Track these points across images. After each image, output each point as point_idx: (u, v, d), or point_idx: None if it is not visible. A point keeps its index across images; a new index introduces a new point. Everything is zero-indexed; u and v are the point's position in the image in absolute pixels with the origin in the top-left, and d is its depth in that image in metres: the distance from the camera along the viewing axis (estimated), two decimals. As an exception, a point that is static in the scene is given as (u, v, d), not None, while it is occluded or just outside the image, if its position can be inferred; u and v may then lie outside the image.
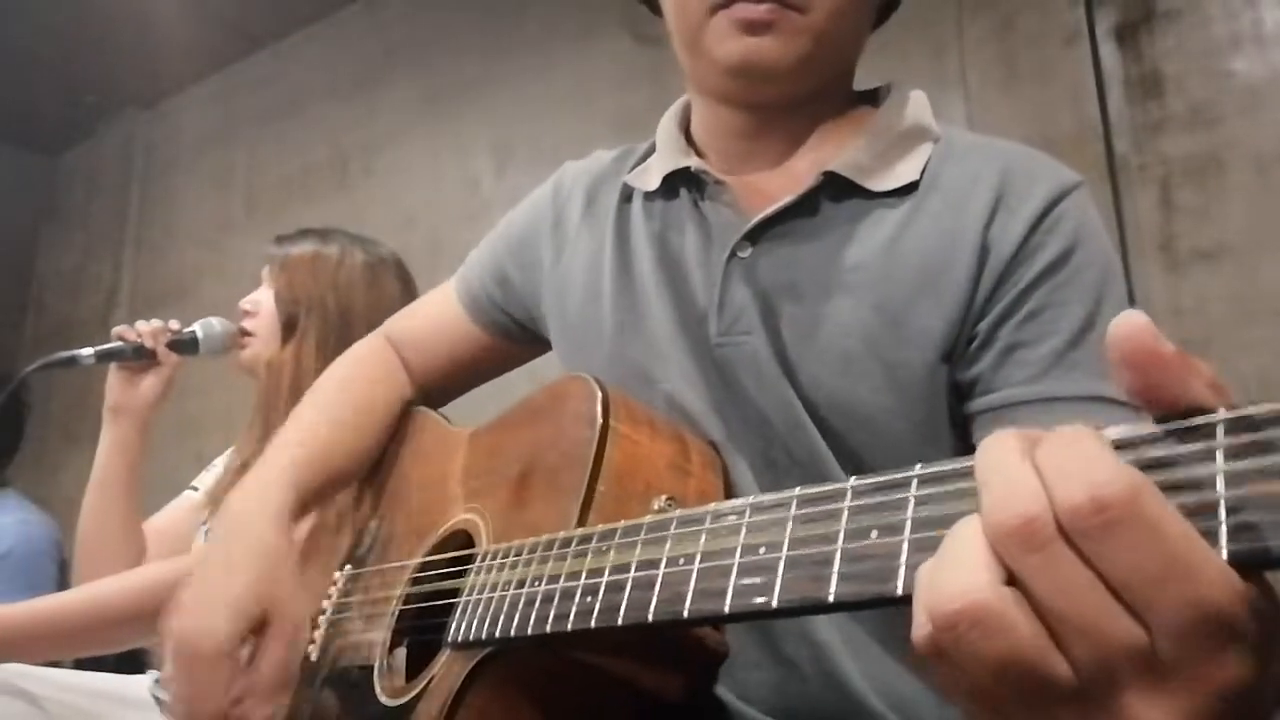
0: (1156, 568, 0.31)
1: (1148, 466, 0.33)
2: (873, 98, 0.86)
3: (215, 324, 1.52)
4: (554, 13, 2.85)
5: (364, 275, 1.52)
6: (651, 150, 0.91)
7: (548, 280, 0.93)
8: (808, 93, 0.80)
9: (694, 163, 0.83)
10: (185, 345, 1.51)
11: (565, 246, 0.92)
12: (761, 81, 0.78)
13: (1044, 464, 0.33)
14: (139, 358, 1.47)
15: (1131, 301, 1.81)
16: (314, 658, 0.89)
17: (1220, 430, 0.32)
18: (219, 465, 1.57)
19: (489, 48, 2.96)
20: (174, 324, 1.51)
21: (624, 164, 0.93)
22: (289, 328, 1.47)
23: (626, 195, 0.89)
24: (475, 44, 3.00)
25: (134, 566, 1.45)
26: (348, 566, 0.94)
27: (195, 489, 1.58)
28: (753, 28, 0.74)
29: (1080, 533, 0.32)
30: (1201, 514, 0.32)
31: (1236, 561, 0.31)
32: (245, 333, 1.51)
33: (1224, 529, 0.31)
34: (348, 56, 3.32)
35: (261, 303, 1.51)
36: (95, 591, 1.19)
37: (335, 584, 0.93)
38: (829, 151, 0.81)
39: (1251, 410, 0.32)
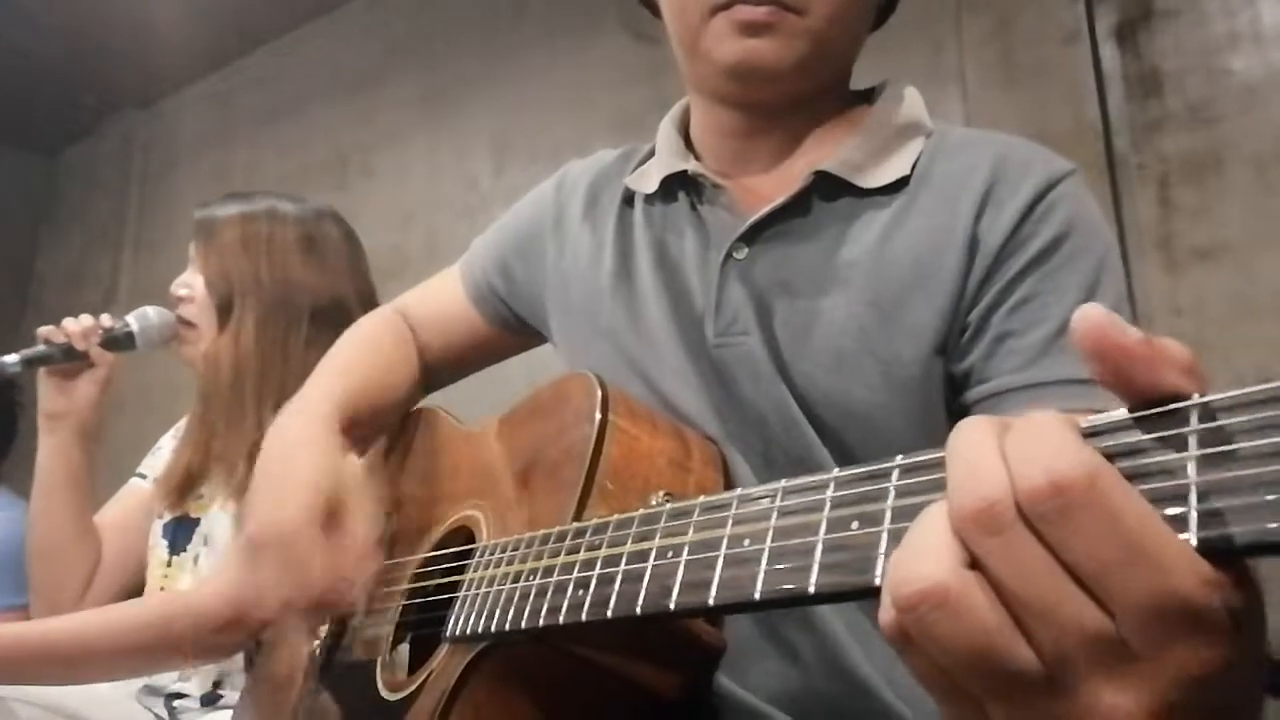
0: (1115, 553, 0.31)
1: (1120, 453, 0.33)
2: (868, 96, 0.87)
3: (151, 314, 1.41)
4: (554, 13, 2.85)
5: (298, 239, 1.40)
6: (653, 152, 0.91)
7: (550, 279, 0.93)
8: (805, 94, 0.81)
9: (691, 166, 0.83)
10: (120, 342, 1.40)
11: (566, 246, 0.92)
12: (760, 83, 0.78)
13: (1009, 449, 0.34)
14: (69, 359, 1.37)
15: (1131, 299, 1.82)
16: (319, 653, 0.89)
17: (1193, 416, 0.32)
18: (164, 448, 1.50)
19: (489, 47, 2.96)
20: (106, 319, 1.40)
21: (626, 164, 0.94)
22: (224, 312, 1.37)
23: (627, 198, 0.90)
24: (475, 43, 3.00)
25: (91, 567, 1.40)
26: None
27: (143, 476, 1.50)
28: (752, 29, 0.74)
29: (1039, 517, 0.32)
30: (1172, 501, 0.32)
31: (1207, 548, 0.30)
32: (185, 322, 1.41)
33: (1194, 515, 0.31)
34: (347, 55, 3.32)
35: (195, 286, 1.41)
36: (86, 622, 1.12)
37: None
38: (825, 151, 0.81)
39: (1223, 396, 0.32)
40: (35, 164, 4.19)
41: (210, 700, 1.30)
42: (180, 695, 1.31)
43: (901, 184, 0.78)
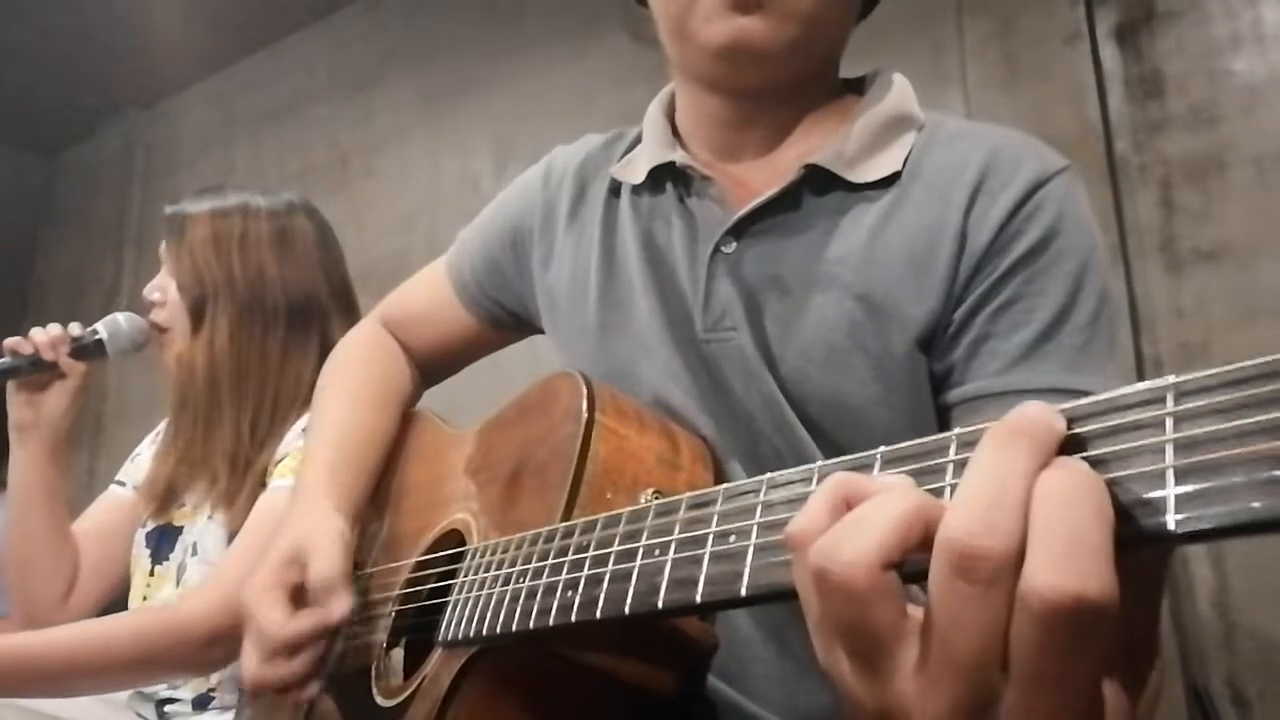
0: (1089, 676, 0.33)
1: (1098, 436, 0.33)
2: (858, 86, 0.85)
3: (121, 321, 1.37)
4: (554, 13, 2.84)
5: (271, 235, 1.37)
6: (640, 138, 0.90)
7: (539, 274, 0.92)
8: (793, 80, 0.79)
9: (679, 157, 0.82)
10: (89, 350, 1.35)
11: (555, 240, 0.91)
12: (749, 65, 0.76)
13: (1038, 518, 0.32)
14: (38, 370, 1.32)
15: (1132, 302, 1.81)
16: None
17: (1170, 398, 0.32)
18: (143, 454, 1.48)
19: (489, 48, 2.96)
20: (75, 329, 1.36)
21: (613, 150, 0.92)
22: (197, 314, 1.34)
23: (614, 189, 0.88)
24: (475, 44, 2.99)
25: (69, 577, 1.38)
26: None
27: (121, 483, 1.47)
28: (742, 6, 0.73)
29: (1046, 617, 0.31)
30: (1150, 484, 0.31)
31: (1185, 532, 0.30)
32: (158, 327, 1.39)
33: (1172, 500, 0.31)
34: (347, 56, 3.32)
35: (167, 290, 1.38)
36: (69, 637, 1.10)
37: None
38: (815, 142, 0.80)
39: (1199, 375, 0.31)
40: (35, 164, 4.20)
41: (203, 703, 1.28)
42: (171, 700, 1.29)
43: (893, 179, 0.76)
